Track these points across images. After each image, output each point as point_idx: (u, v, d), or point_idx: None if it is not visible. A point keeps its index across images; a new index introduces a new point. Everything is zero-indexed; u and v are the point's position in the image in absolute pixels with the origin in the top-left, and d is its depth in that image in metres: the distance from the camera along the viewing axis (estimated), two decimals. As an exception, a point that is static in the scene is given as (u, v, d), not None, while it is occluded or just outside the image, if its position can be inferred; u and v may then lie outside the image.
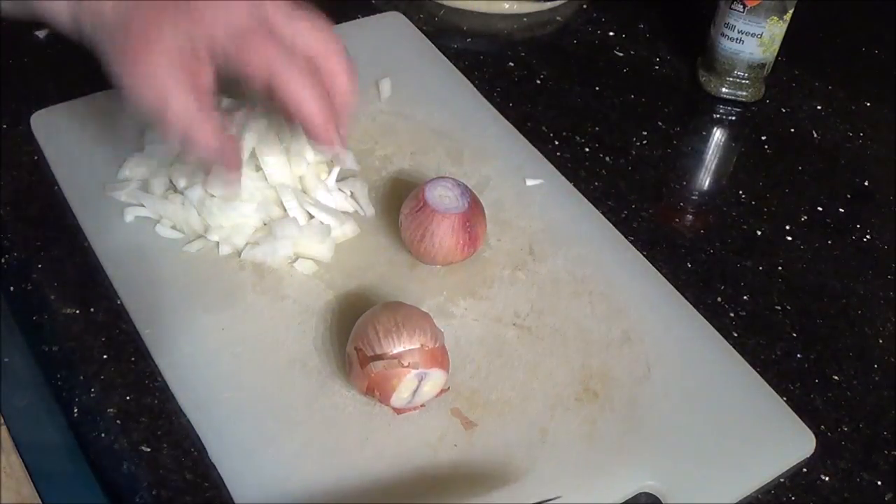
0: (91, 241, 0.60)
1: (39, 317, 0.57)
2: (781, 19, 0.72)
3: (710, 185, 0.72)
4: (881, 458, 0.55)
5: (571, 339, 0.57)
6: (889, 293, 0.64)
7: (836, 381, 0.59)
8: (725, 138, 0.76)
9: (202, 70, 0.50)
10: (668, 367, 0.56)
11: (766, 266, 0.65)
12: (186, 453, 0.51)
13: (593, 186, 0.68)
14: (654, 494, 0.51)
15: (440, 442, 0.52)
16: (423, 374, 0.50)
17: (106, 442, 0.51)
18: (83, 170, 0.63)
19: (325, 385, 0.54)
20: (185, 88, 0.49)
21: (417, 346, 0.50)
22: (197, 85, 0.49)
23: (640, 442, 0.53)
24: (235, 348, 0.55)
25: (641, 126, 0.75)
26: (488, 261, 0.61)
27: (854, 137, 0.76)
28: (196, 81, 0.49)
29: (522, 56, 0.80)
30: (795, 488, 0.53)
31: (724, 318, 0.61)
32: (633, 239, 0.64)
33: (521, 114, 0.73)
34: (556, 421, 0.53)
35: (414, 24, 0.79)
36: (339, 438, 0.51)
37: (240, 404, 0.52)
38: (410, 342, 0.50)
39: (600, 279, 0.61)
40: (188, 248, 0.59)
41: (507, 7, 0.84)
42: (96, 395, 0.53)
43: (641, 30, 0.84)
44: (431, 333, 0.51)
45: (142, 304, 0.57)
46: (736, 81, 0.76)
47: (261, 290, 0.58)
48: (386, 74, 0.72)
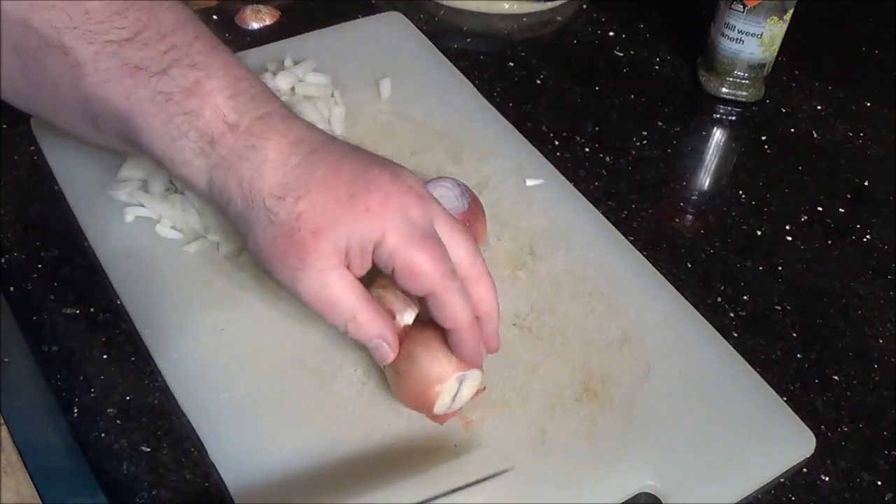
0: (91, 241, 0.60)
1: (39, 317, 0.57)
2: (781, 19, 0.72)
3: (710, 185, 0.72)
4: (881, 458, 0.55)
5: (571, 339, 0.57)
6: (889, 293, 0.64)
7: (836, 381, 0.59)
8: (725, 138, 0.76)
9: (364, 262, 0.48)
10: (668, 367, 0.56)
11: (766, 266, 0.65)
12: (186, 453, 0.51)
13: (593, 186, 0.68)
14: (654, 494, 0.51)
15: (440, 442, 0.52)
16: (462, 376, 0.50)
17: (106, 442, 0.51)
18: (83, 170, 0.63)
19: (324, 385, 0.54)
20: (349, 282, 0.47)
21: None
22: (355, 273, 0.48)
23: (640, 442, 0.53)
24: (235, 348, 0.55)
25: (641, 126, 0.75)
26: (488, 261, 0.60)
27: (854, 137, 0.76)
28: (355, 271, 0.48)
29: (522, 56, 0.80)
30: (795, 488, 0.53)
31: (724, 318, 0.61)
32: (633, 239, 0.64)
33: (521, 114, 0.73)
34: (556, 421, 0.53)
35: (414, 24, 0.79)
36: (340, 438, 0.51)
37: (240, 404, 0.52)
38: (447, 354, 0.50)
39: (600, 279, 0.61)
40: (188, 248, 0.59)
41: (507, 7, 0.84)
42: (96, 395, 0.53)
43: (641, 30, 0.84)
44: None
45: (142, 304, 0.57)
46: (736, 81, 0.76)
47: (260, 290, 0.58)
48: (386, 74, 0.72)
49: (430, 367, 0.49)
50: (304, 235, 0.46)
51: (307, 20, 0.78)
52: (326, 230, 0.46)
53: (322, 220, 0.46)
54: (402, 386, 0.51)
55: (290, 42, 0.75)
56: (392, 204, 0.47)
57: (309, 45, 0.74)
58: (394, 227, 0.46)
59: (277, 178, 0.46)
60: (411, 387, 0.50)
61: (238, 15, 0.79)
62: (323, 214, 0.46)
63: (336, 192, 0.46)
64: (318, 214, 0.46)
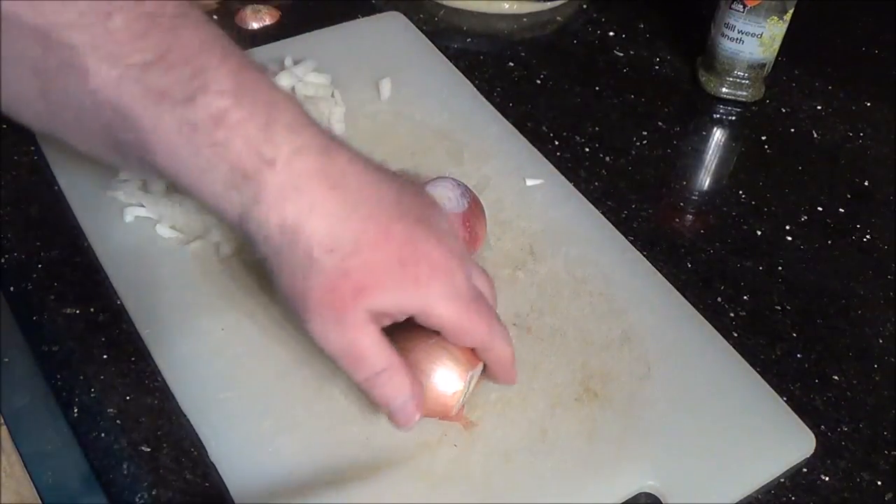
0: (91, 241, 0.60)
1: (39, 317, 0.57)
2: (781, 19, 0.72)
3: (710, 185, 0.72)
4: (881, 458, 0.55)
5: (571, 339, 0.57)
6: (889, 293, 0.64)
7: (836, 381, 0.59)
8: (725, 138, 0.76)
9: (397, 318, 0.48)
10: (668, 367, 0.56)
11: (766, 266, 0.65)
12: (186, 453, 0.51)
13: (593, 186, 0.68)
14: (654, 494, 0.51)
15: (440, 442, 0.52)
16: (471, 375, 0.51)
17: (106, 442, 0.51)
18: (83, 170, 0.63)
19: (324, 385, 0.54)
20: (380, 339, 0.47)
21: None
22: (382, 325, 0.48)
23: (641, 442, 0.53)
24: (235, 348, 0.55)
25: (641, 126, 0.75)
26: (488, 261, 0.61)
27: (854, 137, 0.76)
28: (383, 324, 0.48)
29: (522, 56, 0.80)
30: (795, 488, 0.53)
31: (724, 318, 0.61)
32: (633, 239, 0.64)
33: (521, 114, 0.73)
34: (556, 421, 0.53)
35: (414, 24, 0.79)
36: (339, 439, 0.51)
37: (240, 404, 0.52)
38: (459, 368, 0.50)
39: (600, 279, 0.61)
40: (188, 248, 0.59)
41: (507, 7, 0.84)
42: (96, 395, 0.53)
43: (641, 30, 0.84)
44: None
45: (142, 304, 0.57)
46: (736, 81, 0.76)
47: (261, 290, 0.58)
48: (386, 74, 0.72)
49: (445, 378, 0.50)
50: (347, 292, 0.45)
51: (307, 20, 0.78)
52: (372, 292, 0.45)
53: (369, 282, 0.45)
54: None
55: (290, 42, 0.75)
56: (439, 276, 0.47)
57: (309, 45, 0.74)
58: (443, 299, 0.47)
59: (327, 228, 0.45)
60: (429, 400, 0.50)
61: (238, 15, 0.79)
62: (372, 276, 0.45)
63: (386, 254, 0.46)
64: (367, 274, 0.45)
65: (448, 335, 0.49)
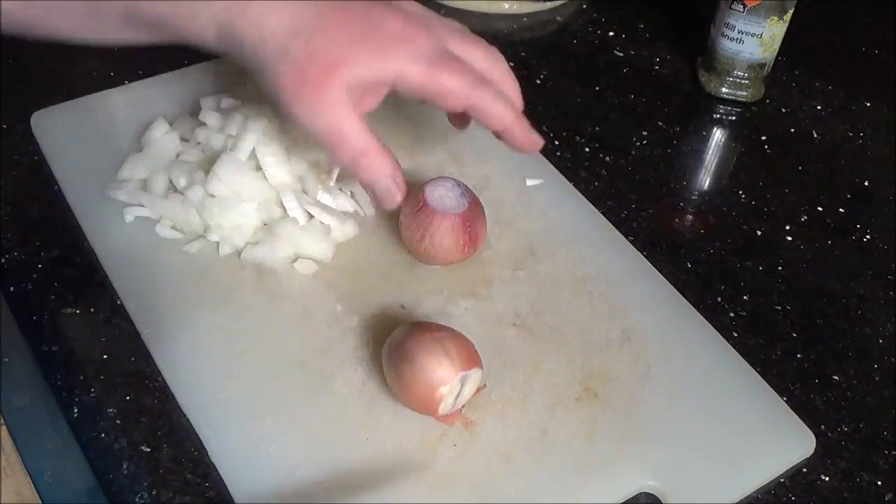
0: (91, 241, 0.60)
1: (39, 317, 0.57)
2: (781, 19, 0.72)
3: (710, 185, 0.72)
4: (881, 458, 0.55)
5: (571, 339, 0.57)
6: (889, 293, 0.64)
7: (836, 381, 0.59)
8: (725, 138, 0.76)
9: (374, 100, 0.51)
10: (668, 367, 0.56)
11: (766, 266, 0.65)
12: (186, 453, 0.51)
13: (593, 186, 0.68)
14: (654, 494, 0.51)
15: (440, 442, 0.52)
16: (464, 376, 0.50)
17: (106, 442, 0.51)
18: (83, 170, 0.63)
19: (324, 385, 0.54)
20: (360, 117, 0.49)
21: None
22: (363, 112, 0.50)
23: (641, 442, 0.53)
24: (235, 348, 0.55)
25: (641, 126, 0.75)
26: (488, 261, 0.61)
27: (854, 137, 0.76)
28: (363, 109, 0.50)
29: (522, 56, 0.80)
30: (795, 488, 0.53)
31: (724, 318, 0.61)
32: (633, 239, 0.64)
33: (521, 114, 0.73)
34: (556, 421, 0.53)
35: (414, 24, 0.79)
36: (339, 438, 0.51)
37: (240, 404, 0.52)
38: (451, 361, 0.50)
39: (600, 279, 0.61)
40: (188, 248, 0.59)
41: (507, 7, 0.84)
42: (96, 395, 0.53)
43: (641, 30, 0.84)
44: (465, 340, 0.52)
45: (142, 304, 0.57)
46: (736, 81, 0.76)
47: (260, 290, 0.58)
48: (386, 74, 0.72)
49: (433, 371, 0.49)
50: (318, 71, 0.48)
51: (307, 20, 0.78)
52: (341, 69, 0.48)
53: (336, 58, 0.48)
54: (405, 390, 0.51)
55: (290, 42, 0.75)
56: (400, 43, 0.49)
57: (309, 45, 0.74)
58: (408, 62, 0.49)
59: (289, 16, 0.48)
60: (415, 391, 0.50)
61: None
62: (337, 52, 0.48)
63: (348, 32, 0.48)
64: (333, 52, 0.48)
65: (427, 98, 0.50)
